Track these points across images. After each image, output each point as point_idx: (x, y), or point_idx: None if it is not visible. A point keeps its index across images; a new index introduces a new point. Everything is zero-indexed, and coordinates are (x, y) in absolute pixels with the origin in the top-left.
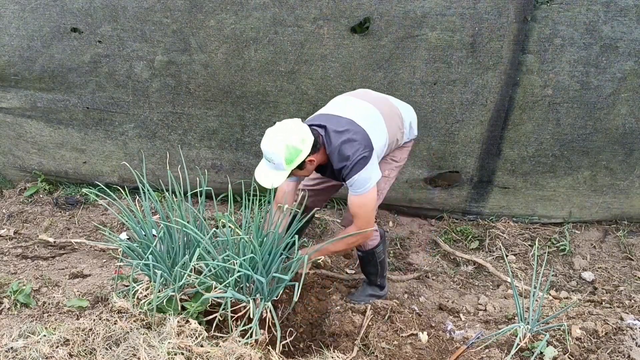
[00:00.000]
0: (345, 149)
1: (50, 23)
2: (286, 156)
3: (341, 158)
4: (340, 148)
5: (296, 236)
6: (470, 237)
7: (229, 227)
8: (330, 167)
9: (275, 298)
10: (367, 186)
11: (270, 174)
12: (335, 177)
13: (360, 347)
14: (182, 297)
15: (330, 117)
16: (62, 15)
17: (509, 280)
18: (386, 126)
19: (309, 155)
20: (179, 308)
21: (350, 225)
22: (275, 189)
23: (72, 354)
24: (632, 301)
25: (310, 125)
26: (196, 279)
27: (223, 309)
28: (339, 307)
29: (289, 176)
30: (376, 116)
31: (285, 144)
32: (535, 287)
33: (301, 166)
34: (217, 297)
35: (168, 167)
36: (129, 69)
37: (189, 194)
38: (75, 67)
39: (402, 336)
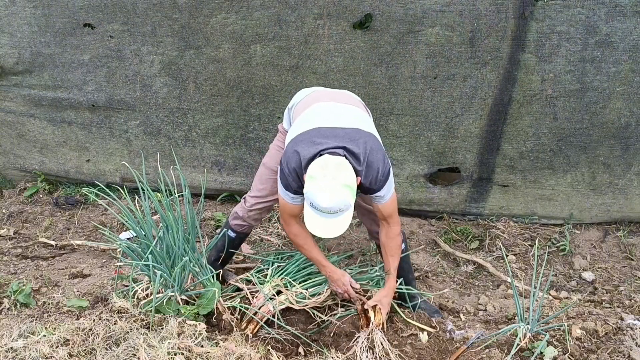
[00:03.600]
0: (372, 163)
1: (62, 19)
2: (352, 195)
3: (371, 171)
4: (368, 163)
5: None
6: (470, 237)
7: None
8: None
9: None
10: (392, 190)
11: (339, 221)
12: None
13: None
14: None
15: (335, 131)
16: (72, 11)
17: (509, 280)
18: (372, 122)
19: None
20: (179, 308)
21: (383, 231)
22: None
23: (72, 354)
24: (632, 301)
25: (330, 150)
26: None
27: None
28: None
29: None
30: (365, 116)
31: (345, 185)
32: (535, 287)
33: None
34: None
35: (173, 167)
36: (137, 64)
37: (188, 194)
38: (82, 64)
39: (402, 336)
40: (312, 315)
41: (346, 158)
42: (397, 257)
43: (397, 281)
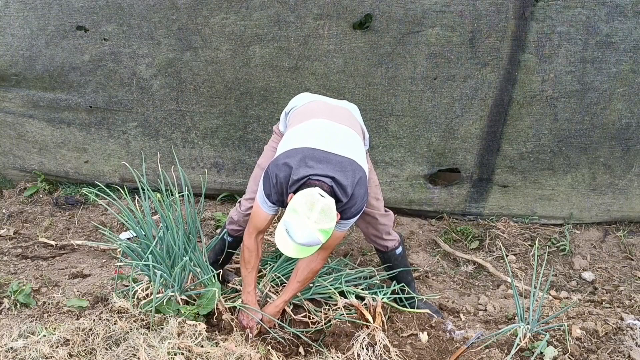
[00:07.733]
0: (354, 196)
1: (55, 21)
2: (325, 238)
3: (350, 203)
4: (352, 195)
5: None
6: (470, 237)
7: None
8: None
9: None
10: (351, 224)
11: (306, 249)
12: None
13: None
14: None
15: (328, 156)
16: (67, 14)
17: (509, 280)
18: (364, 150)
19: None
20: (179, 308)
21: (311, 257)
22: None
23: (72, 354)
24: (632, 301)
25: (318, 178)
26: None
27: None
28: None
29: None
30: (359, 144)
31: (323, 230)
32: (535, 287)
33: None
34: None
35: (173, 167)
36: (133, 66)
37: (189, 194)
38: (79, 66)
39: (402, 336)
40: (309, 317)
41: (333, 189)
42: (300, 286)
43: (286, 304)
